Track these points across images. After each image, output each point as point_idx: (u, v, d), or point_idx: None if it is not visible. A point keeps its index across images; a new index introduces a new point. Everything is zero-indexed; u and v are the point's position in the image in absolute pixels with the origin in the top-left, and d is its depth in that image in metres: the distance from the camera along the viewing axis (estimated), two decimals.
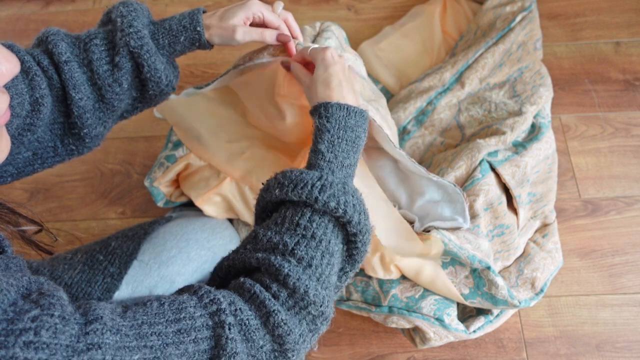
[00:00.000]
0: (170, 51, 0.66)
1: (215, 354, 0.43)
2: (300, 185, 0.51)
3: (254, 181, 0.87)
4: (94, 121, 0.63)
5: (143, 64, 0.62)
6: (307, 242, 0.49)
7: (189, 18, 0.65)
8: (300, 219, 0.50)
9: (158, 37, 0.64)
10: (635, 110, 1.19)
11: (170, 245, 0.76)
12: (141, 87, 0.66)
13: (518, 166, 0.95)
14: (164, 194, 0.96)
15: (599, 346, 0.97)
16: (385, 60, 1.22)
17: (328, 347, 1.00)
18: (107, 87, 0.62)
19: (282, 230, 0.51)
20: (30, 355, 0.33)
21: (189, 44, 0.66)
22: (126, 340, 0.39)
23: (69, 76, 0.60)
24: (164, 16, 1.42)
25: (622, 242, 1.06)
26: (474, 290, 0.86)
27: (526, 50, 1.13)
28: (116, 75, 0.62)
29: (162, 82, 0.65)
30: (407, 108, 1.08)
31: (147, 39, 0.62)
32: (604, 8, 1.32)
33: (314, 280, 0.48)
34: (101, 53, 0.61)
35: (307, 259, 0.49)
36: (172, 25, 0.65)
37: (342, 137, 0.56)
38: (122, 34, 0.61)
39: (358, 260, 0.55)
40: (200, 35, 0.65)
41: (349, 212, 0.51)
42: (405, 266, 0.84)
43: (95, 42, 0.61)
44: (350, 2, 1.39)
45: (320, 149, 0.55)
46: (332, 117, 0.56)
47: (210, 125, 0.93)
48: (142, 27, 0.62)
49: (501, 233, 0.92)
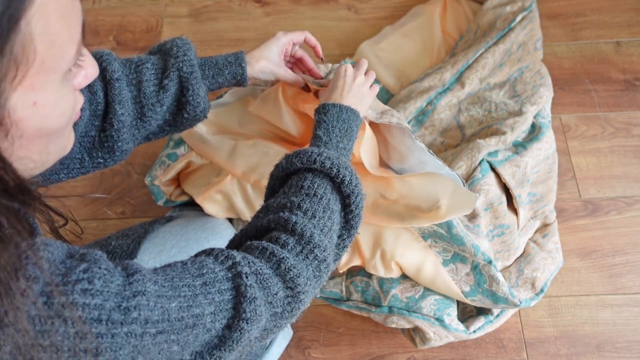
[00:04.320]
0: (212, 82, 0.73)
1: (237, 301, 0.48)
2: (302, 154, 0.60)
3: (256, 178, 0.87)
4: (128, 136, 0.67)
5: (189, 87, 0.68)
6: (311, 199, 0.57)
7: (234, 56, 0.74)
8: (303, 182, 0.59)
9: (205, 69, 0.72)
10: (635, 110, 1.19)
11: (170, 244, 0.76)
12: (176, 111, 0.71)
13: (518, 166, 0.95)
14: (165, 192, 0.96)
15: (599, 346, 0.97)
16: (385, 60, 1.22)
17: (328, 347, 1.00)
18: (149, 106, 0.67)
19: (289, 193, 0.59)
20: (87, 301, 0.38)
21: (231, 77, 0.73)
22: (163, 290, 0.43)
23: (117, 92, 0.64)
24: (164, 15, 1.43)
25: (623, 242, 1.06)
26: (475, 288, 0.86)
27: (526, 50, 1.13)
28: (161, 96, 0.68)
29: (200, 107, 0.70)
30: (407, 108, 1.08)
31: (196, 67, 0.70)
32: (604, 8, 1.32)
33: (318, 228, 0.55)
34: (151, 75, 0.67)
35: (311, 211, 0.56)
36: (219, 61, 0.73)
37: (335, 126, 0.67)
38: (175, 60, 0.68)
39: (354, 226, 0.62)
40: (244, 70, 0.73)
41: (341, 172, 0.59)
42: (406, 263, 0.84)
43: (147, 66, 0.68)
44: (350, 2, 1.39)
45: (317, 134, 0.67)
46: (329, 112, 0.69)
47: (212, 124, 0.93)
48: (193, 58, 0.70)
49: (501, 233, 0.92)
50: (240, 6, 1.40)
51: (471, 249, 0.83)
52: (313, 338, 1.01)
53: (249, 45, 1.35)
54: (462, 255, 0.86)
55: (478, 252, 0.84)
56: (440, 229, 0.84)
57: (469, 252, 0.84)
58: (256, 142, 0.90)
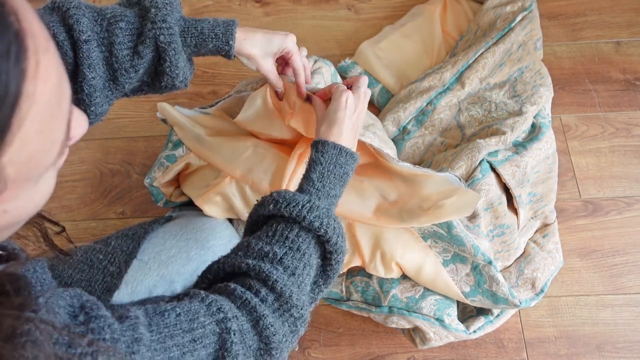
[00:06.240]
0: (194, 51, 0.67)
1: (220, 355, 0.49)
2: (293, 204, 0.58)
3: (254, 179, 0.87)
4: (102, 99, 0.63)
5: (166, 58, 0.63)
6: (293, 253, 0.57)
7: (223, 28, 0.67)
8: (289, 233, 0.58)
9: (186, 36, 0.65)
10: (635, 110, 1.19)
11: (170, 244, 0.76)
12: (154, 76, 0.67)
13: (518, 166, 0.95)
14: (164, 193, 0.96)
15: (599, 346, 0.97)
16: (385, 60, 1.22)
17: (328, 347, 1.00)
18: (122, 71, 0.62)
19: (272, 242, 0.58)
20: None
21: (215, 51, 0.68)
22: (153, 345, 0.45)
23: (86, 55, 0.59)
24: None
25: (623, 242, 1.06)
26: (475, 288, 0.86)
27: (526, 50, 1.13)
28: (135, 61, 0.62)
29: (178, 78, 0.66)
30: (407, 108, 1.08)
31: (176, 37, 0.63)
32: (604, 8, 1.32)
33: (295, 286, 0.56)
34: (124, 37, 0.61)
35: (291, 268, 0.56)
36: (204, 30, 0.66)
37: (331, 171, 0.64)
38: (152, 26, 0.61)
39: (331, 277, 0.62)
40: (230, 47, 0.67)
41: (329, 233, 0.58)
42: (406, 263, 0.84)
43: (120, 25, 0.61)
44: (350, 2, 1.39)
45: (311, 177, 0.63)
46: (327, 153, 0.65)
47: (209, 126, 0.93)
48: (174, 24, 0.63)
49: (501, 233, 0.92)
50: (240, 6, 1.40)
51: (471, 250, 0.83)
52: (313, 338, 1.01)
53: None
54: (462, 256, 0.86)
55: (478, 252, 0.84)
56: (440, 229, 0.84)
57: (469, 253, 0.84)
58: (254, 144, 0.90)
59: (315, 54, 1.32)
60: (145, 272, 0.72)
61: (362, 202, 0.85)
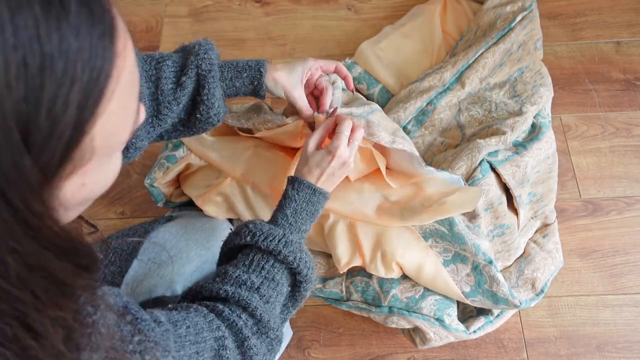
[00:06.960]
0: (230, 85, 0.72)
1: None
2: (270, 238, 0.64)
3: (255, 180, 0.87)
4: (143, 134, 0.67)
5: (205, 86, 0.67)
6: (269, 283, 0.63)
7: (255, 60, 0.73)
8: (265, 264, 0.64)
9: (224, 70, 0.72)
10: (636, 110, 1.19)
11: (170, 245, 0.76)
12: (191, 110, 0.70)
13: (518, 166, 0.95)
14: (164, 194, 0.96)
15: (599, 346, 0.97)
16: (385, 60, 1.22)
17: (328, 347, 1.00)
18: (165, 104, 0.67)
19: (249, 270, 0.63)
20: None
21: (248, 82, 0.73)
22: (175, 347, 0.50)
23: None
24: (164, 15, 1.43)
25: (623, 242, 1.06)
26: (475, 288, 0.86)
27: (526, 50, 1.13)
28: (178, 93, 0.67)
29: (214, 108, 0.70)
30: (407, 108, 1.08)
31: (216, 67, 0.69)
32: (604, 8, 1.32)
33: (269, 311, 0.62)
34: (170, 72, 0.67)
35: (267, 296, 0.63)
36: (239, 63, 0.73)
37: (304, 209, 0.70)
38: (195, 58, 0.68)
39: (299, 301, 0.68)
40: (262, 75, 0.72)
41: (300, 266, 0.65)
42: (407, 263, 0.84)
43: (167, 63, 0.67)
44: (350, 2, 1.39)
45: (286, 212, 0.69)
46: (302, 192, 0.70)
47: None
48: (214, 57, 0.69)
49: (502, 233, 0.92)
50: (240, 6, 1.40)
51: (472, 248, 0.83)
52: (313, 338, 1.01)
53: (249, 45, 1.35)
54: (462, 256, 0.86)
55: (479, 251, 0.84)
56: (442, 227, 0.84)
57: (469, 252, 0.84)
58: (255, 144, 0.90)
59: (315, 54, 1.32)
60: (146, 272, 0.72)
61: (364, 202, 0.85)
